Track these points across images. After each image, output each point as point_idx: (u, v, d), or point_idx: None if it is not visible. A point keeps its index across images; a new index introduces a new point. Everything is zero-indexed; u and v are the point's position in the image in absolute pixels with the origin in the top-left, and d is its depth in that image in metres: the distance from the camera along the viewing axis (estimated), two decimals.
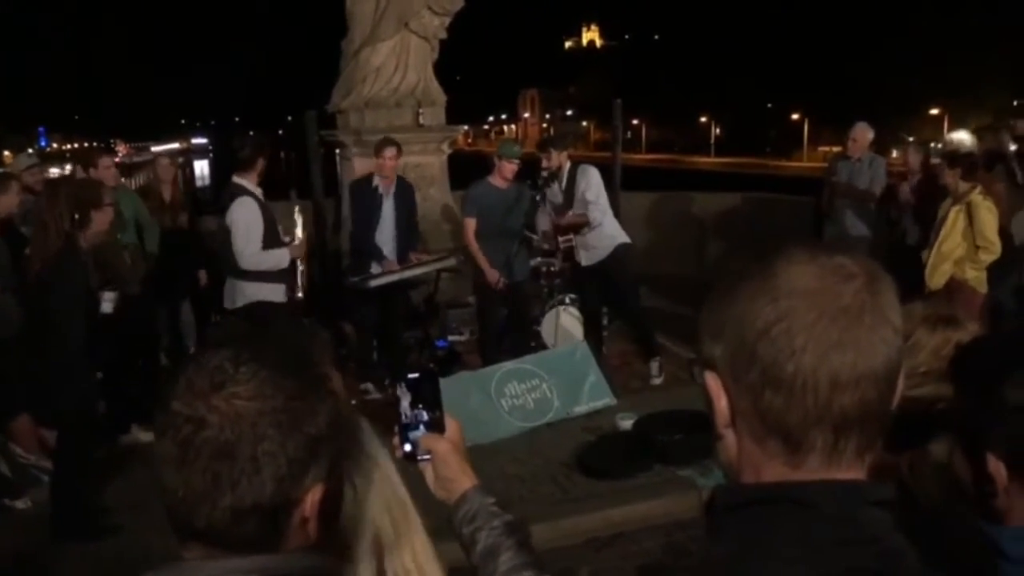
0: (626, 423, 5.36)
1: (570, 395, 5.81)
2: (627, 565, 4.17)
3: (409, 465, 1.37)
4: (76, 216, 4.17)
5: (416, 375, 1.37)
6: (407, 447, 1.36)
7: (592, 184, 6.23)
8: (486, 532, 1.31)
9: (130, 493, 4.61)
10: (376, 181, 6.24)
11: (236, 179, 5.07)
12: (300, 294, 5.33)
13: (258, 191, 5.09)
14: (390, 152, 6.13)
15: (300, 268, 5.35)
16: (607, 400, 5.89)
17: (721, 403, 0.84)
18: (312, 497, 0.93)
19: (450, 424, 1.38)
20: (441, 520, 1.39)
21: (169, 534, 0.95)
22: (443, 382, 5.35)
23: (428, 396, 1.37)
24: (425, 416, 1.36)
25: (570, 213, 6.28)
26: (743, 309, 0.82)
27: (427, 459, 1.37)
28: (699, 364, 0.89)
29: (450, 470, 1.36)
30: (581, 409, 5.78)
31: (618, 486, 4.76)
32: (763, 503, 0.81)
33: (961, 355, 1.32)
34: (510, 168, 6.11)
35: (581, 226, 6.26)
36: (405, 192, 6.40)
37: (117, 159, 6.67)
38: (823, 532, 0.77)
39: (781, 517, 0.79)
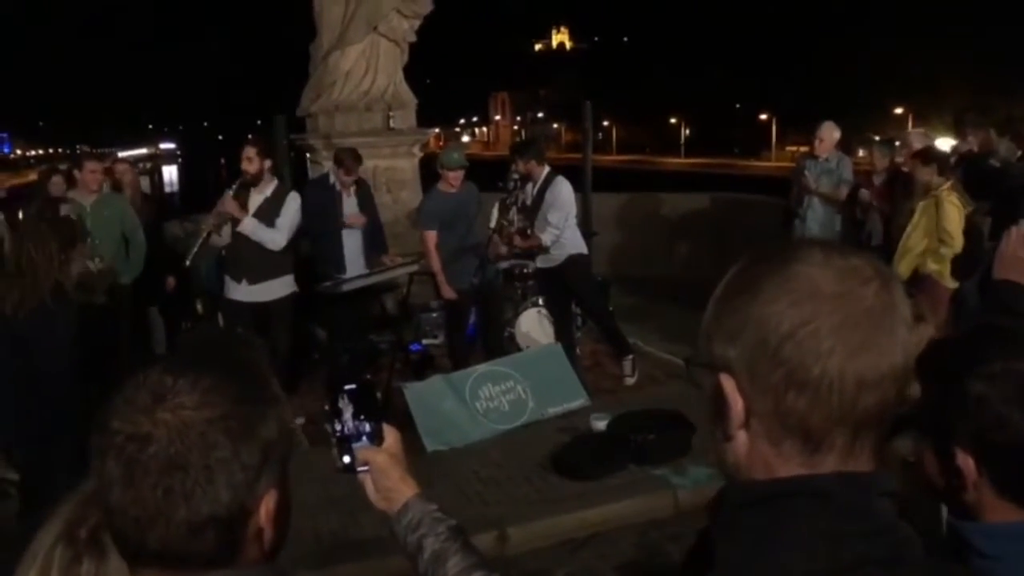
0: (600, 423, 5.38)
1: (545, 396, 5.82)
2: (603, 565, 4.18)
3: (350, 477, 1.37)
4: (63, 257, 3.99)
5: (354, 386, 1.36)
6: (346, 459, 1.36)
7: (557, 204, 6.09)
8: (432, 538, 1.32)
9: None
10: (333, 179, 6.20)
11: None
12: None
13: (254, 192, 5.75)
14: (353, 165, 6.12)
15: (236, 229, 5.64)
16: (581, 401, 5.91)
17: (738, 405, 0.84)
18: (267, 505, 0.92)
19: (390, 434, 1.38)
20: (385, 531, 1.40)
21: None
22: (418, 386, 5.37)
23: (367, 407, 1.37)
24: (367, 427, 1.35)
25: (529, 234, 6.21)
26: (763, 312, 0.82)
27: (365, 470, 1.36)
28: (702, 366, 0.88)
29: (390, 480, 1.36)
30: (556, 410, 5.79)
31: (593, 486, 4.77)
32: (778, 497, 0.81)
33: (924, 353, 1.35)
34: (455, 176, 6.03)
35: (535, 248, 6.26)
36: (364, 188, 6.39)
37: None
38: (840, 523, 0.79)
39: (798, 510, 0.80)
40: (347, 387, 1.35)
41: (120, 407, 0.89)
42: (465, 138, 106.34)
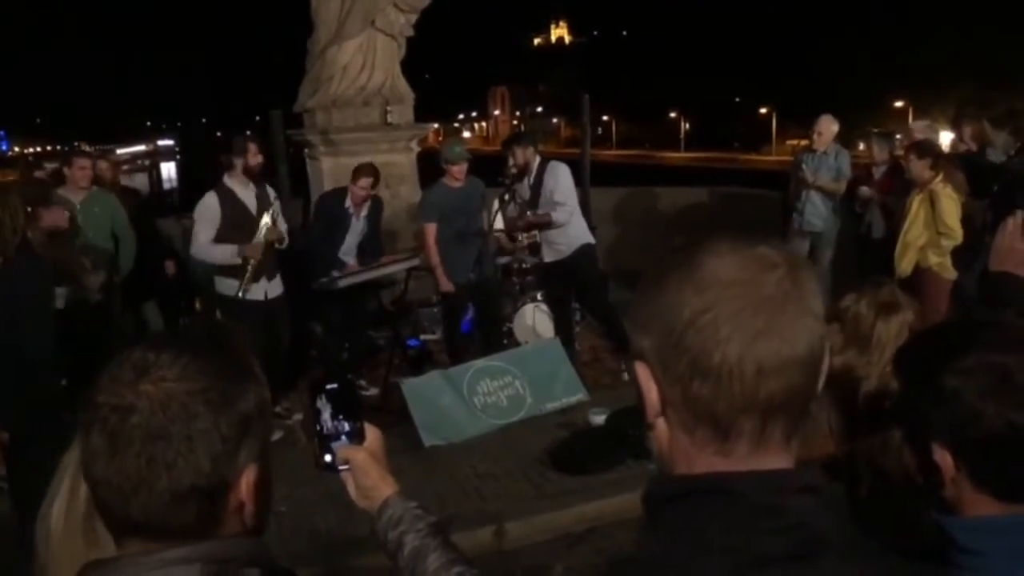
0: (599, 418, 5.38)
1: (543, 391, 5.82)
2: (601, 560, 4.18)
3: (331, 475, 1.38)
4: (28, 210, 4.04)
5: (334, 385, 1.37)
6: (327, 458, 1.37)
7: (560, 184, 6.13)
8: (412, 535, 1.34)
9: None
10: (348, 202, 6.16)
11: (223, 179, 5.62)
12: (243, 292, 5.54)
13: (239, 188, 5.59)
14: (364, 183, 6.05)
15: (250, 264, 5.51)
16: (580, 396, 5.90)
17: (652, 394, 0.85)
18: (247, 479, 0.94)
19: (370, 432, 1.39)
20: (367, 528, 1.41)
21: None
22: (416, 381, 5.35)
23: (347, 406, 1.38)
24: (347, 427, 1.37)
25: (538, 212, 6.25)
26: (670, 301, 0.83)
27: (346, 469, 1.38)
28: (629, 357, 0.89)
29: (369, 479, 1.38)
30: (554, 405, 5.79)
31: (591, 481, 4.77)
32: (693, 495, 0.82)
33: (902, 348, 1.34)
34: (459, 169, 6.01)
35: (544, 225, 6.26)
36: (375, 211, 6.34)
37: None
38: (750, 522, 0.79)
39: (711, 509, 0.80)
40: (327, 387, 1.36)
41: (105, 383, 0.92)
42: (466, 134, 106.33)
